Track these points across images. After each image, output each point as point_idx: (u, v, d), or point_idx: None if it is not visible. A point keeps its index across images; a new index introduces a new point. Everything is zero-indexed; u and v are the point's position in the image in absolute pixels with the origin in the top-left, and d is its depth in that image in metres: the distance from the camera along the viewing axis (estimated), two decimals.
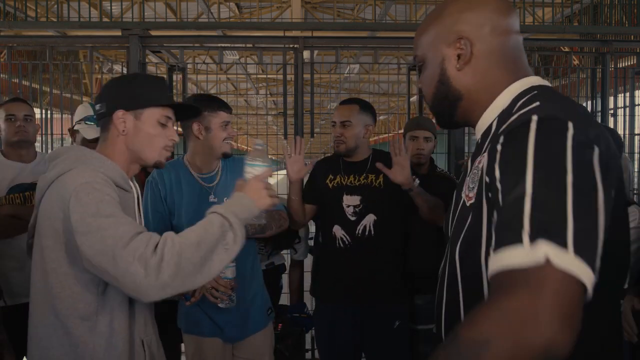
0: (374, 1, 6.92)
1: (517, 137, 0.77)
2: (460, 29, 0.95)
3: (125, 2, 6.39)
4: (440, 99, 1.01)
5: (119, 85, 1.38)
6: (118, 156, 1.33)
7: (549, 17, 6.74)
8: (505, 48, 0.96)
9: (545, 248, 0.64)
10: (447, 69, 0.97)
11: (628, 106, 3.87)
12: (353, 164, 2.27)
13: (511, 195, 0.72)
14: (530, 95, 0.90)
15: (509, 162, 0.76)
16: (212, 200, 2.01)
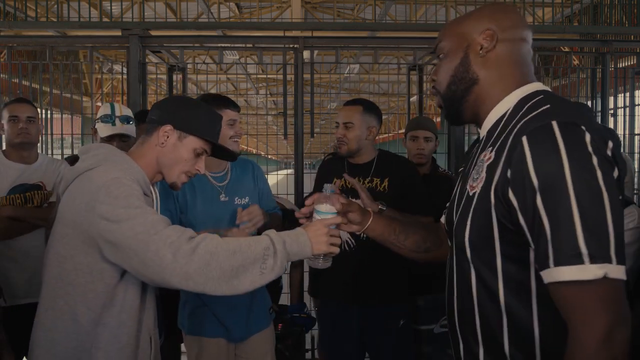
0: (374, 1, 6.92)
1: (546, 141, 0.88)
2: (489, 24, 1.07)
3: (125, 2, 6.39)
4: (457, 81, 1.10)
5: (182, 104, 1.46)
6: (146, 162, 1.39)
7: (549, 17, 6.74)
8: (521, 53, 1.10)
9: (605, 267, 0.82)
10: (470, 53, 1.08)
11: (628, 106, 3.87)
12: (358, 166, 2.25)
13: (560, 214, 0.85)
14: (538, 99, 1.00)
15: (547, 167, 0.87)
16: (222, 199, 2.02)
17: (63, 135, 3.54)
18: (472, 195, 1.01)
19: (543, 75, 3.80)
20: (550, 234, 0.85)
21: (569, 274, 0.83)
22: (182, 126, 1.40)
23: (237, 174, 2.10)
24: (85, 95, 9.11)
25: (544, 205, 0.86)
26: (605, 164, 0.87)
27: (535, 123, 0.91)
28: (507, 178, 0.92)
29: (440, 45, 1.13)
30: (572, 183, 0.84)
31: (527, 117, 0.95)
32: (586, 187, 0.84)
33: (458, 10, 6.40)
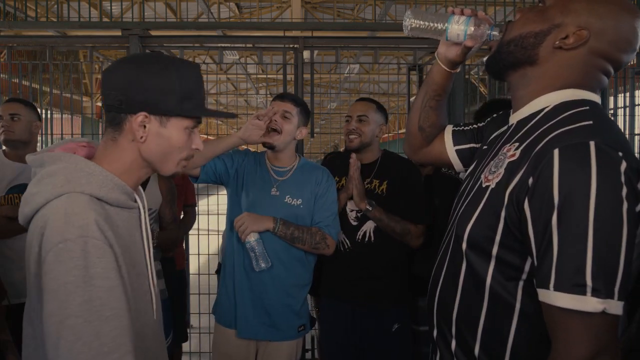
0: (374, 1, 6.92)
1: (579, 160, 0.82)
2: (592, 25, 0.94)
3: (125, 2, 6.39)
4: (517, 45, 0.99)
5: (145, 72, 1.01)
6: (125, 162, 1.06)
7: None
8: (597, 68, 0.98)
9: (604, 301, 0.80)
10: (549, 36, 0.97)
11: (628, 106, 3.87)
12: (361, 165, 2.23)
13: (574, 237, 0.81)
14: (582, 109, 0.93)
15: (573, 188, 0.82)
16: (273, 192, 2.01)
17: (63, 135, 3.54)
18: (486, 187, 0.97)
19: None
20: (556, 256, 0.82)
21: (568, 303, 0.81)
22: (160, 109, 1.02)
23: (300, 175, 2.06)
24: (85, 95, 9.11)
25: (558, 224, 0.82)
26: (633, 197, 0.82)
27: (572, 138, 0.85)
28: (527, 185, 0.87)
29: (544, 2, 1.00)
30: (594, 210, 0.80)
31: (565, 127, 0.89)
32: (608, 217, 0.80)
33: None
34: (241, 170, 2.05)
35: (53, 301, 0.88)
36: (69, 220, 0.91)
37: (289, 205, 2.00)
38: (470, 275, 0.99)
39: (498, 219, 0.92)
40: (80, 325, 0.87)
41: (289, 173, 2.05)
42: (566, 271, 0.81)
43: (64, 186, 0.96)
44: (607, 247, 0.80)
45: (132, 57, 1.07)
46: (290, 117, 1.99)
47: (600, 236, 0.80)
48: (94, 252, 0.90)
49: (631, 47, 0.97)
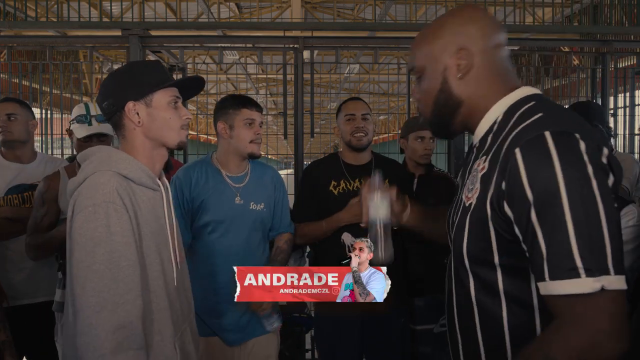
0: (374, 1, 6.91)
1: (539, 152, 0.86)
2: (461, 41, 1.02)
3: (125, 2, 6.39)
4: (441, 107, 1.07)
5: (119, 78, 1.34)
6: (141, 150, 1.32)
7: (549, 17, 6.74)
8: (499, 60, 1.05)
9: (601, 279, 0.81)
10: (448, 78, 1.04)
11: (628, 106, 3.87)
12: (357, 167, 2.21)
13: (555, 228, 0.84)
14: (529, 106, 0.98)
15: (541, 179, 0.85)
16: (237, 202, 1.98)
17: (63, 135, 3.54)
18: (469, 205, 0.99)
19: (543, 75, 3.80)
20: (545, 248, 0.85)
21: (566, 288, 0.83)
22: (139, 93, 1.30)
23: (255, 177, 2.06)
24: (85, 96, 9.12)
25: (538, 218, 0.85)
26: (600, 172, 0.85)
27: (528, 134, 0.89)
28: (502, 190, 0.91)
29: (415, 66, 1.10)
30: (566, 195, 0.83)
31: (519, 126, 0.93)
32: (581, 199, 0.83)
33: None
34: (195, 194, 1.98)
35: (81, 251, 1.14)
36: (97, 188, 1.18)
37: (254, 211, 2.00)
38: (481, 287, 1.00)
39: (488, 230, 0.95)
40: (102, 270, 1.13)
41: (246, 178, 2.04)
42: (557, 260, 0.83)
43: (97, 166, 1.23)
44: (588, 226, 0.82)
45: (107, 75, 1.39)
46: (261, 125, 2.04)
47: (578, 218, 0.82)
48: (115, 214, 1.16)
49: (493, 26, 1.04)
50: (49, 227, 2.09)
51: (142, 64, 1.39)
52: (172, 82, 1.34)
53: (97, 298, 1.12)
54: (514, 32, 4.09)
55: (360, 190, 1.45)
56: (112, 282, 1.13)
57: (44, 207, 2.10)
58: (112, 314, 1.12)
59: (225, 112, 1.98)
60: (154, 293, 1.26)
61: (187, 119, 1.35)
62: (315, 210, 2.20)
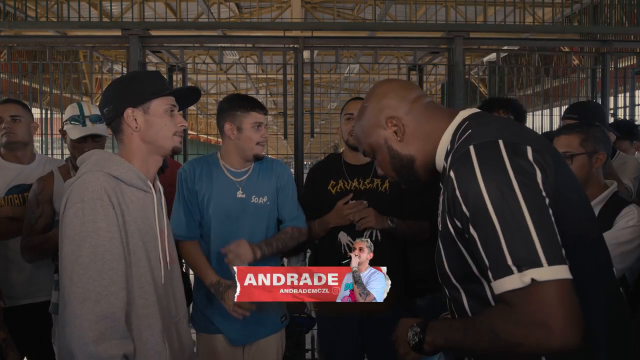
0: (374, 1, 6.91)
1: (465, 166, 0.95)
2: (386, 114, 1.16)
3: (125, 2, 6.39)
4: (400, 169, 1.19)
5: (120, 86, 1.43)
6: (137, 154, 1.41)
7: (549, 17, 6.74)
8: (424, 107, 1.17)
9: (528, 272, 0.85)
10: (392, 145, 1.17)
11: (628, 106, 3.87)
12: (357, 167, 2.22)
13: (488, 234, 0.90)
14: (463, 127, 1.07)
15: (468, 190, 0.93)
16: (239, 195, 2.00)
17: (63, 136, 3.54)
18: (441, 230, 1.07)
19: (543, 75, 3.79)
20: (484, 252, 0.91)
21: (504, 285, 0.88)
22: (138, 100, 1.39)
23: (258, 172, 2.07)
24: (85, 96, 9.11)
25: (474, 228, 0.93)
26: (523, 173, 0.91)
27: (458, 152, 0.99)
28: (450, 209, 0.99)
29: (365, 151, 1.24)
30: (490, 202, 0.90)
31: (454, 149, 1.03)
32: (502, 202, 0.89)
33: (458, 10, 6.40)
34: (199, 187, 2.01)
35: (70, 244, 1.23)
36: (87, 187, 1.27)
37: (256, 204, 2.01)
38: (473, 300, 1.05)
39: (458, 247, 1.02)
40: (87, 263, 1.21)
41: (248, 172, 2.05)
42: (493, 261, 0.89)
43: (90, 168, 1.33)
44: (512, 226, 0.88)
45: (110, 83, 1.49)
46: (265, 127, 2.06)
47: (504, 220, 0.88)
48: (102, 210, 1.25)
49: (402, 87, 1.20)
50: (44, 229, 2.09)
51: (142, 74, 1.49)
52: (169, 91, 1.43)
53: (82, 289, 1.19)
54: (514, 32, 4.10)
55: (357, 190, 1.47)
56: (96, 274, 1.21)
57: (38, 209, 2.10)
58: (95, 305, 1.19)
59: (232, 114, 1.99)
60: (141, 289, 1.33)
61: (182, 126, 1.44)
62: (316, 209, 2.21)
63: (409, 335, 1.08)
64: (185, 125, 1.46)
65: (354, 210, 2.09)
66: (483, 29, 3.80)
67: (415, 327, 1.08)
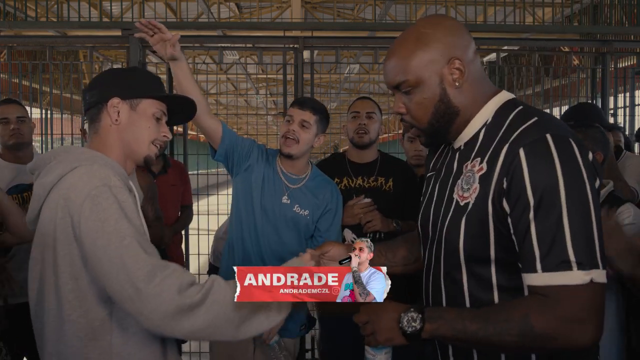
0: (374, 1, 6.91)
1: (543, 154, 0.92)
2: (451, 52, 1.04)
3: (125, 2, 6.39)
4: (439, 117, 1.07)
5: (116, 74, 1.30)
6: (113, 150, 1.23)
7: (549, 17, 6.74)
8: (479, 67, 1.10)
9: (592, 272, 0.88)
10: (446, 88, 1.05)
11: (628, 106, 3.87)
12: (361, 165, 2.22)
13: (551, 227, 0.89)
14: (520, 109, 1.03)
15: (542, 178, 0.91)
16: (284, 201, 1.97)
17: (63, 135, 3.54)
18: (464, 205, 1.02)
19: (543, 75, 3.79)
20: (537, 243, 0.90)
21: (558, 279, 0.88)
22: (130, 93, 1.23)
23: (311, 186, 2.02)
24: None
25: (535, 214, 0.91)
26: (592, 175, 0.93)
27: (530, 135, 0.95)
28: (503, 188, 0.95)
29: (405, 80, 1.06)
30: (565, 196, 0.89)
31: (518, 129, 0.97)
32: (577, 200, 0.90)
33: (458, 10, 6.40)
34: (254, 169, 1.98)
35: (103, 235, 1.03)
36: (91, 176, 1.09)
37: (296, 214, 1.99)
38: (475, 282, 1.03)
39: (488, 227, 0.98)
40: (133, 243, 1.04)
41: (302, 182, 2.02)
42: (550, 253, 0.89)
43: (74, 162, 1.12)
44: (581, 224, 0.89)
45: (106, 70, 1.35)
46: (309, 127, 1.96)
47: (574, 217, 0.89)
48: (120, 194, 1.09)
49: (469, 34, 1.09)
50: None
51: (144, 71, 1.34)
52: (164, 95, 1.28)
53: (146, 268, 1.02)
54: (514, 32, 4.10)
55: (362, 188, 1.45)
56: (141, 252, 1.04)
57: None
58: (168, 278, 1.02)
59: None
60: None
61: (165, 136, 1.28)
62: None
63: (403, 322, 1.02)
64: (168, 137, 1.29)
65: (364, 211, 2.09)
66: (483, 29, 3.80)
67: (412, 311, 1.01)
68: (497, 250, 0.98)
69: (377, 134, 2.26)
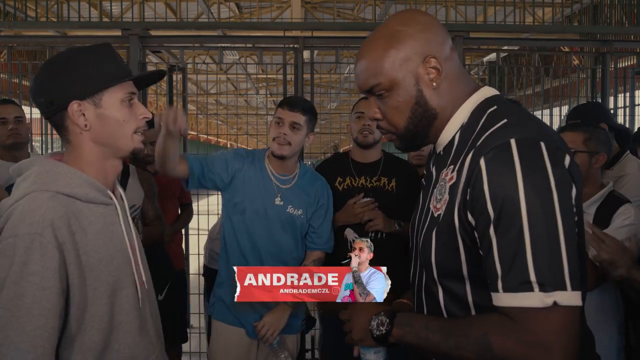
0: (374, 1, 6.91)
1: (503, 162, 0.84)
2: (426, 49, 0.96)
3: (125, 2, 6.39)
4: (417, 121, 0.99)
5: (59, 70, 1.07)
6: (90, 160, 1.10)
7: (549, 17, 6.74)
8: (457, 64, 1.01)
9: (554, 295, 0.79)
10: (423, 90, 0.97)
11: (628, 106, 3.87)
12: (364, 165, 2.22)
13: (511, 243, 0.82)
14: (492, 111, 0.94)
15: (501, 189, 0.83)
16: (277, 202, 1.97)
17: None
18: (437, 216, 0.96)
19: (543, 75, 3.79)
20: (498, 259, 0.83)
21: (518, 301, 0.81)
22: (86, 90, 1.06)
23: (301, 184, 2.04)
24: None
25: (495, 230, 0.83)
26: (564, 183, 0.84)
27: (493, 141, 0.87)
28: (466, 200, 0.88)
29: (378, 84, 0.98)
30: (526, 210, 0.81)
31: (485, 133, 0.90)
32: (541, 212, 0.81)
33: (458, 10, 6.40)
34: (240, 176, 1.98)
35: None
36: (23, 217, 0.96)
37: (290, 215, 2.00)
38: (450, 298, 0.98)
39: (456, 240, 0.92)
40: (7, 318, 0.91)
41: (292, 181, 2.03)
42: (511, 272, 0.82)
43: (30, 187, 1.01)
44: (545, 241, 0.80)
45: (43, 64, 1.11)
46: (300, 128, 1.96)
47: (536, 232, 0.80)
48: (38, 250, 0.94)
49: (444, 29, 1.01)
50: None
51: (86, 51, 1.09)
52: (127, 77, 1.10)
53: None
54: (514, 32, 4.10)
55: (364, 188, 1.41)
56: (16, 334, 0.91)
57: None
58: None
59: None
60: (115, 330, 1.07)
61: (144, 118, 1.13)
62: None
63: (373, 324, 1.00)
64: (148, 117, 1.13)
65: (365, 210, 2.09)
66: (483, 29, 3.80)
67: (381, 316, 0.99)
68: (469, 267, 0.92)
69: (380, 135, 2.26)
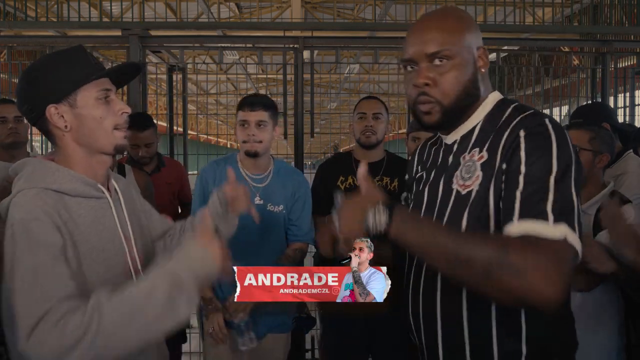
0: (374, 1, 6.91)
1: (542, 134, 0.97)
2: (479, 41, 1.09)
3: (125, 2, 6.39)
4: (465, 97, 1.06)
5: (32, 78, 1.12)
6: (76, 159, 1.14)
7: (549, 17, 6.74)
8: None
9: (564, 229, 0.89)
10: (477, 71, 1.07)
11: (628, 106, 3.87)
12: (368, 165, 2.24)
13: (538, 180, 0.92)
14: (516, 105, 1.07)
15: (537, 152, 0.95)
16: (257, 202, 1.97)
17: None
18: (466, 194, 1.02)
19: (543, 75, 3.79)
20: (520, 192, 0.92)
21: (532, 228, 0.89)
22: (60, 92, 1.09)
23: (278, 180, 2.04)
24: None
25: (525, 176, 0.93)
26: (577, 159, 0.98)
27: (530, 120, 0.99)
28: (503, 170, 0.98)
29: (447, 50, 1.03)
30: (556, 165, 0.93)
31: (518, 117, 1.02)
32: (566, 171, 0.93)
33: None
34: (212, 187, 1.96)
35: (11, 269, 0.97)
36: (16, 209, 1.02)
37: (271, 212, 2.00)
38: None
39: (488, 209, 0.99)
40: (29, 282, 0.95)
41: (267, 179, 2.03)
42: (529, 202, 0.91)
43: (22, 185, 1.07)
44: (564, 192, 0.92)
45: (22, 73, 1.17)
46: (266, 125, 1.96)
47: (561, 181, 0.92)
48: (37, 230, 0.99)
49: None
50: None
51: (58, 56, 1.14)
52: (97, 74, 1.12)
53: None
54: (514, 32, 4.10)
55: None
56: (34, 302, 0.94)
57: None
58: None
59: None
60: None
61: (123, 113, 1.14)
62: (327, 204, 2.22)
63: (370, 216, 0.95)
64: (127, 111, 1.15)
65: None
66: (483, 29, 3.78)
67: (379, 205, 0.96)
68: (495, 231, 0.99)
69: (384, 134, 2.26)
